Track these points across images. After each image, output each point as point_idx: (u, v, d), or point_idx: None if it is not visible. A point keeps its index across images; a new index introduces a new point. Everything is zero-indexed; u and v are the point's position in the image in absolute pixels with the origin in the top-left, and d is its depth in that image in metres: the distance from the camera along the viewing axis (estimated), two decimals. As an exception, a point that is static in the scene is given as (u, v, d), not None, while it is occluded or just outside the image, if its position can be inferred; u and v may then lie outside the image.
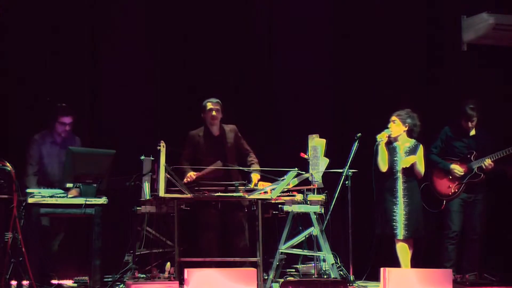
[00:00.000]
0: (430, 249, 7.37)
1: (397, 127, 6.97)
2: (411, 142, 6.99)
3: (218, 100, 7.04)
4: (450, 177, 7.28)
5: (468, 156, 7.31)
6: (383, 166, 6.92)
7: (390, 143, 6.98)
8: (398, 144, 6.99)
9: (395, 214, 6.85)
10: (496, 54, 8.23)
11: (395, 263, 6.89)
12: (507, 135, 7.60)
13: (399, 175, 6.91)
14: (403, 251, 6.87)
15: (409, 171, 6.91)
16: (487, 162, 7.18)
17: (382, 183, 6.98)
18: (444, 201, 7.29)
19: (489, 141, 7.35)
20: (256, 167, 6.98)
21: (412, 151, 6.94)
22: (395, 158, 6.94)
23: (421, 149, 6.97)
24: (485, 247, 7.43)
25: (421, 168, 6.93)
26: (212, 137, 7.06)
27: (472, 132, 7.36)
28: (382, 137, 6.91)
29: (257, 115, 7.99)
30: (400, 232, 6.82)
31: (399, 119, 6.95)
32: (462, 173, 7.24)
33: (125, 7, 7.68)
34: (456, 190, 7.27)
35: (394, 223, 6.84)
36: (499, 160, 7.20)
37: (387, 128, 6.97)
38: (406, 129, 6.97)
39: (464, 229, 7.30)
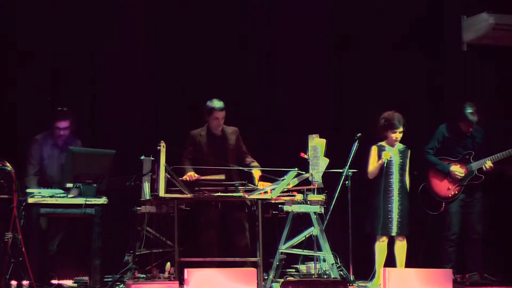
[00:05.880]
0: (429, 250, 7.35)
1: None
2: (401, 145, 7.09)
3: (223, 106, 6.97)
4: (450, 179, 7.26)
5: (467, 156, 7.26)
6: (372, 176, 7.01)
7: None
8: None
9: (390, 212, 6.85)
10: (496, 54, 8.23)
11: (395, 263, 6.91)
12: (507, 135, 7.60)
13: (395, 174, 6.95)
14: (400, 249, 6.94)
15: (403, 171, 6.98)
16: (488, 164, 7.13)
17: (375, 181, 7.01)
18: (444, 203, 7.25)
19: (485, 139, 7.31)
20: (255, 165, 6.99)
21: (404, 152, 7.05)
22: (390, 158, 6.97)
23: (409, 153, 7.09)
24: (486, 247, 7.42)
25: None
26: (214, 137, 7.06)
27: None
28: (388, 157, 6.94)
29: (257, 115, 7.99)
30: (394, 229, 6.88)
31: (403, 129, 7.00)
32: (463, 175, 7.21)
33: (125, 7, 7.67)
34: (456, 192, 7.22)
35: (389, 219, 6.84)
36: (499, 161, 7.18)
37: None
38: None
39: (464, 229, 7.27)
